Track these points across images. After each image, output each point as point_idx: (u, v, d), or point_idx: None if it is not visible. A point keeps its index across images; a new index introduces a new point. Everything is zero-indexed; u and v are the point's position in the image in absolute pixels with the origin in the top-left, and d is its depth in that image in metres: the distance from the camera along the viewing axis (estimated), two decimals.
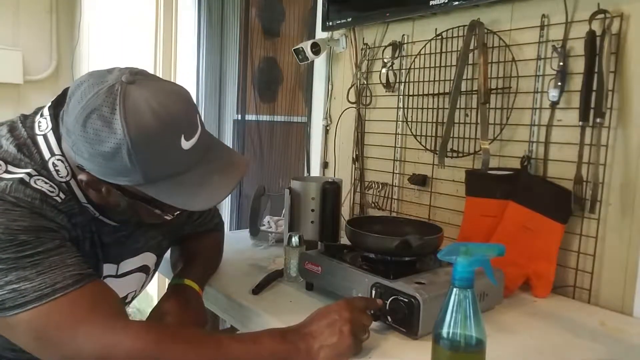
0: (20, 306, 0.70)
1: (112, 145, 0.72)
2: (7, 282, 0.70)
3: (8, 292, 0.70)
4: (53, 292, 0.71)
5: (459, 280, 0.64)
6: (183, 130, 0.76)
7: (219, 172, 0.81)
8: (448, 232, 1.11)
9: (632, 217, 1.05)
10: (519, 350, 0.85)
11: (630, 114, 1.05)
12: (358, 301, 0.84)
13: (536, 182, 1.16)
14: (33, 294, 0.70)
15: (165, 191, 0.77)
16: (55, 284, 0.72)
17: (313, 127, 1.87)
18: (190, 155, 0.77)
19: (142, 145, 0.73)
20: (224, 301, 1.06)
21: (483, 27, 1.26)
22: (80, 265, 0.76)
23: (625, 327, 0.97)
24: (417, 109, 1.47)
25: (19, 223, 0.73)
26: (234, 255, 1.32)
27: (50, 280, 0.71)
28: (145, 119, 0.73)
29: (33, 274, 0.71)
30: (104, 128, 0.72)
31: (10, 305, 0.70)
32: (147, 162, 0.74)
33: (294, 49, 1.64)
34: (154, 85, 0.77)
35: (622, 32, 1.06)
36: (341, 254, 1.06)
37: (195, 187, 0.78)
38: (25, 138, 0.81)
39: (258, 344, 0.75)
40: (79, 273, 0.75)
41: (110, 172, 0.76)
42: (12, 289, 0.70)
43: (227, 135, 2.83)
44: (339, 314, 0.78)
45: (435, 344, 0.66)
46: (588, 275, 1.12)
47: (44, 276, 0.71)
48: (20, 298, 0.70)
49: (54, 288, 0.71)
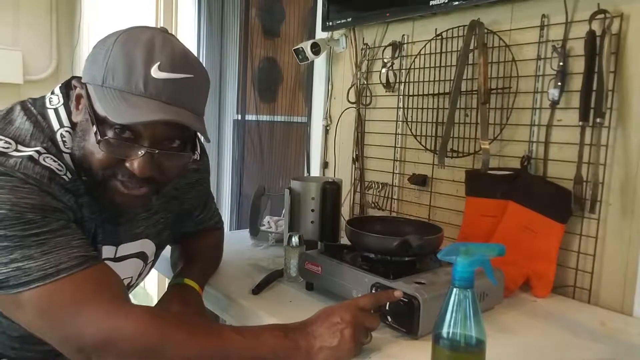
0: (24, 284, 0.70)
1: (99, 50, 0.80)
2: (12, 259, 0.70)
3: (12, 270, 0.70)
4: (57, 272, 0.71)
5: (459, 280, 0.64)
6: (163, 62, 0.77)
7: (162, 110, 0.77)
8: (448, 232, 1.11)
9: (632, 217, 1.05)
10: (519, 351, 0.85)
11: (630, 114, 1.05)
12: (364, 301, 0.83)
13: (536, 182, 1.16)
14: (37, 273, 0.70)
15: (106, 97, 0.77)
16: (60, 264, 0.72)
17: (313, 127, 1.87)
18: (151, 84, 0.77)
19: (120, 48, 0.77)
20: (224, 301, 1.06)
21: (483, 27, 1.26)
22: (85, 247, 0.76)
23: (625, 327, 0.97)
24: (417, 109, 1.47)
25: (27, 201, 0.73)
26: (234, 255, 1.32)
27: (54, 261, 0.71)
28: (137, 36, 0.79)
29: (38, 253, 0.71)
30: (99, 43, 0.81)
31: (14, 283, 0.70)
32: (114, 62, 0.77)
33: (294, 49, 1.64)
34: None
35: (622, 32, 1.06)
36: (341, 254, 1.06)
37: (130, 106, 0.76)
38: (36, 114, 0.83)
39: (259, 339, 0.75)
40: (84, 255, 0.75)
41: (87, 73, 0.81)
42: (16, 267, 0.70)
43: (227, 135, 2.83)
44: (341, 317, 0.78)
45: (435, 344, 0.66)
46: (588, 275, 1.12)
47: (48, 256, 0.71)
48: (24, 276, 0.70)
49: (58, 268, 0.71)
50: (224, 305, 1.06)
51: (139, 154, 0.79)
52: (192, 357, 0.73)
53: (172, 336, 0.73)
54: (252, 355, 0.74)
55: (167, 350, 0.72)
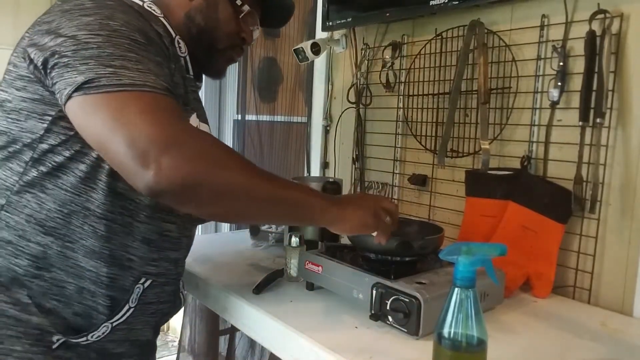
0: (114, 86, 0.71)
1: None
2: (111, 65, 0.72)
3: (108, 73, 0.71)
4: (144, 85, 0.72)
5: (461, 280, 0.64)
6: None
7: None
8: (448, 232, 1.11)
9: (632, 217, 1.06)
10: (519, 351, 0.85)
11: (630, 114, 1.05)
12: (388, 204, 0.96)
13: (536, 182, 1.17)
14: (127, 81, 0.71)
15: None
16: (148, 82, 0.73)
17: (313, 127, 1.87)
18: None
19: None
20: (224, 301, 1.06)
21: (483, 27, 1.26)
22: (170, 88, 0.78)
23: (625, 328, 0.98)
24: (417, 109, 1.47)
25: (136, 23, 0.78)
26: (234, 255, 1.32)
27: (144, 78, 0.73)
28: None
29: (134, 67, 0.73)
30: None
31: (105, 83, 0.70)
32: None
33: (294, 49, 1.64)
34: None
35: (622, 32, 1.06)
36: (342, 254, 1.06)
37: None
38: None
39: (317, 197, 0.86)
40: (170, 89, 0.77)
41: None
42: (113, 71, 0.71)
43: (227, 135, 2.83)
44: (368, 199, 0.93)
45: (436, 344, 0.66)
46: (588, 275, 1.12)
47: (141, 73, 0.73)
48: (115, 79, 0.71)
49: (146, 84, 0.73)
50: (224, 305, 1.06)
51: (257, 27, 1.01)
52: (246, 180, 0.76)
53: (232, 155, 0.78)
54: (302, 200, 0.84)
55: (225, 167, 0.74)
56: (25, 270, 0.79)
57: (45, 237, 0.79)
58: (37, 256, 0.80)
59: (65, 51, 0.73)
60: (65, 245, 0.80)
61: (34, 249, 0.79)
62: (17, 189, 0.79)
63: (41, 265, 0.80)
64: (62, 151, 0.79)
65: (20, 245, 0.79)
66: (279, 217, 0.92)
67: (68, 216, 0.80)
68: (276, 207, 0.81)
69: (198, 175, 0.70)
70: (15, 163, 0.80)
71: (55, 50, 0.74)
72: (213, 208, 0.76)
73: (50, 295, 0.81)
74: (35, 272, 0.80)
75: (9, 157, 0.80)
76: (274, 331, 0.92)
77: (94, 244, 0.82)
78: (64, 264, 0.81)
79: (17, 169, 0.80)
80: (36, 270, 0.80)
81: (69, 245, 0.81)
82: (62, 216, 0.80)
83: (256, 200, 0.78)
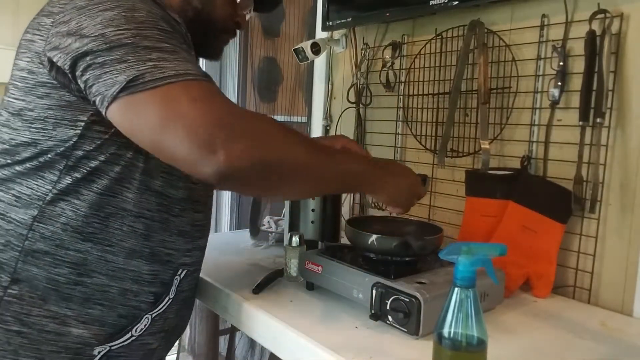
0: (159, 80, 0.69)
1: None
2: (150, 59, 0.70)
3: (149, 67, 0.69)
4: (186, 74, 0.71)
5: (461, 279, 0.64)
6: None
7: None
8: (448, 232, 1.12)
9: (632, 217, 1.06)
10: (519, 351, 0.85)
11: (630, 114, 1.05)
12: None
13: (536, 182, 1.17)
14: (170, 72, 0.70)
15: None
16: (189, 70, 0.71)
17: (313, 127, 1.87)
18: None
19: None
20: (224, 301, 1.06)
21: (483, 27, 1.26)
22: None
23: (625, 328, 0.98)
24: (417, 109, 1.47)
25: (158, 11, 0.76)
26: (234, 255, 1.32)
27: (184, 67, 0.71)
28: None
29: (171, 57, 0.71)
30: None
31: (149, 79, 0.68)
32: None
33: (294, 49, 1.64)
34: None
35: (622, 32, 1.06)
36: (342, 254, 1.06)
37: None
38: None
39: (369, 165, 0.90)
40: (207, 75, 0.76)
41: None
42: (153, 65, 0.70)
43: None
44: (408, 178, 0.98)
45: (436, 344, 0.66)
46: (588, 275, 1.12)
47: (179, 62, 0.71)
48: (158, 73, 0.69)
49: (188, 72, 0.71)
50: (224, 304, 1.06)
51: (250, 10, 1.04)
52: (311, 159, 0.77)
53: (295, 135, 0.78)
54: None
55: (283, 147, 0.74)
56: (67, 279, 0.79)
57: (84, 243, 0.79)
58: (77, 263, 0.79)
59: (97, 51, 0.70)
60: (105, 249, 0.80)
61: (74, 257, 0.79)
62: (50, 199, 0.78)
63: (82, 272, 0.79)
64: (97, 156, 0.78)
65: (58, 254, 0.78)
66: (334, 190, 1.04)
67: (105, 219, 0.80)
68: (335, 183, 0.85)
69: (266, 158, 0.71)
70: (47, 172, 0.78)
71: (84, 51, 0.71)
72: (280, 189, 0.78)
73: (93, 300, 0.80)
74: (76, 279, 0.79)
75: (39, 167, 0.78)
76: (274, 331, 0.92)
77: (134, 244, 0.82)
78: (105, 268, 0.81)
79: (51, 177, 0.78)
80: (77, 277, 0.79)
81: (108, 248, 0.80)
82: (99, 220, 0.79)
83: (321, 179, 0.81)
